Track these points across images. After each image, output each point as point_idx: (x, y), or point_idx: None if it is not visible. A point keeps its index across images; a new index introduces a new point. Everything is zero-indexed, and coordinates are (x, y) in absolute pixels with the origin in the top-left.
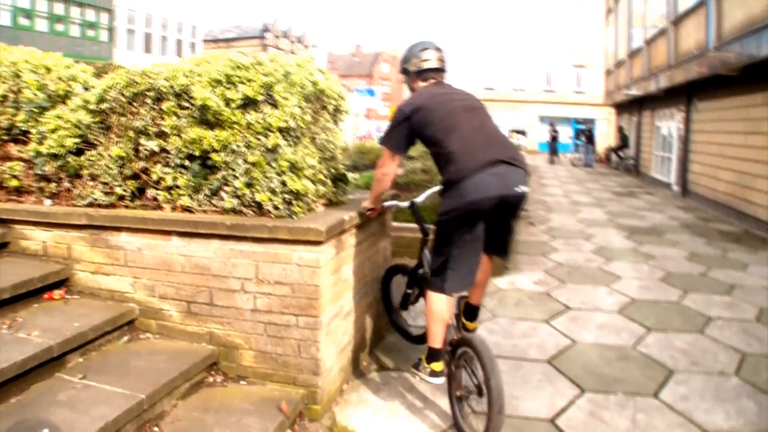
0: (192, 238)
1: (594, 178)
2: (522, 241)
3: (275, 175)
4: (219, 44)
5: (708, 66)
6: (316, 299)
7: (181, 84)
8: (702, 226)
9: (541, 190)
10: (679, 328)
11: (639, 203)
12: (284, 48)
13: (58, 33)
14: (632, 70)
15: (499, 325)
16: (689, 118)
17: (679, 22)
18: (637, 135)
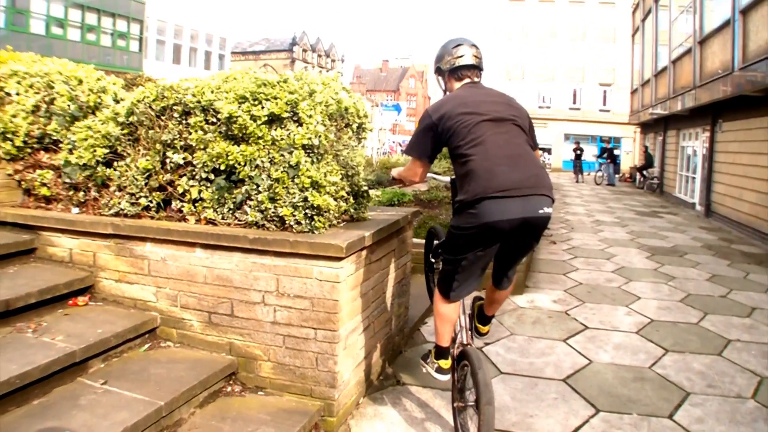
0: (215, 250)
1: (617, 197)
2: (543, 260)
3: (298, 191)
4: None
5: (733, 86)
6: (335, 314)
7: (208, 99)
8: (725, 247)
9: (564, 208)
10: (697, 350)
11: (662, 223)
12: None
13: (90, 42)
14: (657, 90)
15: (516, 342)
16: (714, 138)
17: (704, 41)
18: (662, 154)
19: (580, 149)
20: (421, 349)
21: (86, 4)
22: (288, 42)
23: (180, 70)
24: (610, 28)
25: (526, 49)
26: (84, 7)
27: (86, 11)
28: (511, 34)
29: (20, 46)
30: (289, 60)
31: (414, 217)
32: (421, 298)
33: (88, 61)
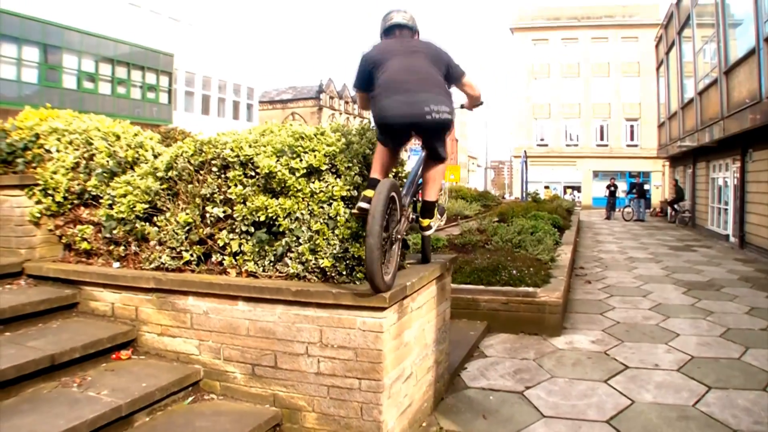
0: (257, 303)
1: (650, 233)
2: (578, 300)
3: (338, 242)
4: (275, 105)
5: (762, 114)
6: (379, 363)
7: (247, 154)
8: (762, 278)
9: (596, 247)
10: (740, 386)
11: (696, 257)
12: (339, 108)
13: (120, 96)
14: (685, 122)
15: (557, 385)
16: (744, 168)
17: (730, 71)
18: (692, 187)
19: (614, 186)
20: (462, 395)
21: (116, 58)
22: (315, 90)
23: (209, 120)
24: (634, 63)
25: (551, 87)
26: (114, 61)
27: (116, 65)
28: (536, 73)
29: (53, 101)
30: (316, 107)
31: (452, 264)
32: (460, 343)
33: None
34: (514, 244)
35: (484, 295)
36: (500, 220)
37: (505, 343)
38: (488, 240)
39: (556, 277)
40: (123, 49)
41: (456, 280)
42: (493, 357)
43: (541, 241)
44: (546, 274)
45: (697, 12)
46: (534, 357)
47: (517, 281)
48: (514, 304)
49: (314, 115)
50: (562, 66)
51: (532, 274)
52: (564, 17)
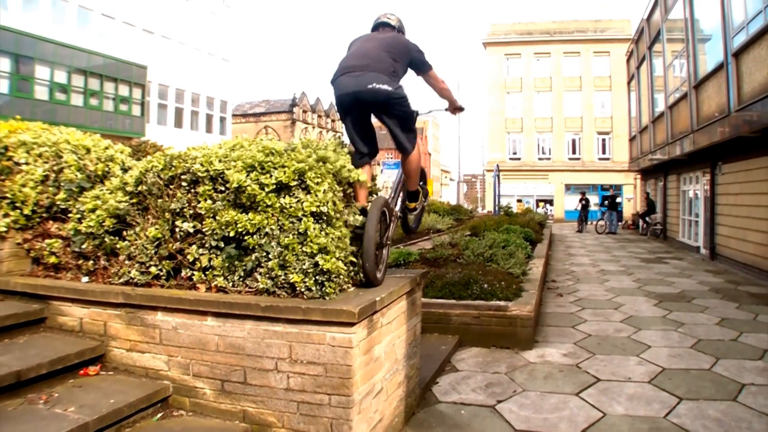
0: (227, 319)
1: (621, 245)
2: (550, 313)
3: (307, 257)
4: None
5: (731, 128)
6: (348, 379)
7: (216, 168)
8: (732, 289)
9: (568, 260)
10: (711, 397)
11: (667, 269)
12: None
13: (93, 107)
14: (656, 135)
15: (529, 399)
16: (714, 180)
17: (699, 86)
18: (663, 200)
19: (586, 199)
20: (434, 410)
21: (89, 70)
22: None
23: (182, 133)
24: (605, 77)
25: (523, 101)
26: (87, 73)
27: (89, 76)
28: (508, 87)
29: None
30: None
31: (423, 278)
32: (431, 358)
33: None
34: (486, 258)
35: (456, 310)
36: (472, 233)
37: (477, 357)
38: (460, 254)
39: (527, 291)
40: (96, 60)
41: (427, 294)
42: (465, 371)
43: (513, 255)
44: (517, 288)
45: (668, 27)
46: (506, 371)
47: (489, 295)
48: (486, 318)
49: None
50: (534, 80)
51: (503, 287)
52: (536, 32)
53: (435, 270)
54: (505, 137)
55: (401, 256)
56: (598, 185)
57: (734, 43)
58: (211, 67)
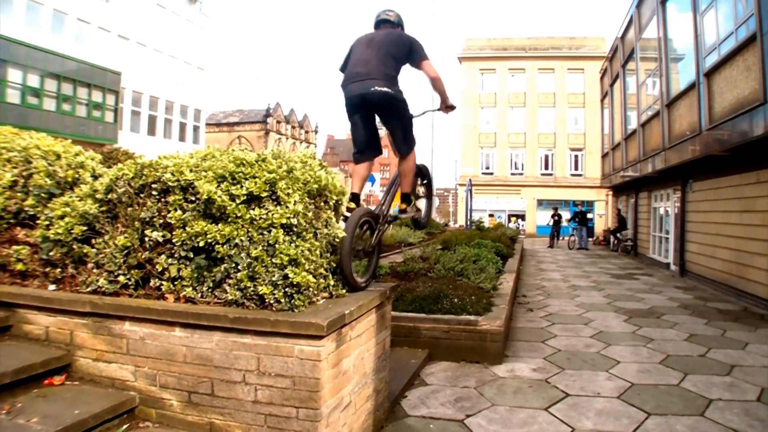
0: (195, 330)
1: (592, 261)
2: (520, 328)
3: (277, 269)
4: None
5: (702, 146)
6: (316, 392)
7: (187, 178)
8: (701, 306)
9: (539, 275)
10: (679, 412)
11: (638, 285)
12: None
13: (65, 113)
14: (628, 153)
15: (498, 413)
16: (685, 198)
17: (672, 104)
18: (635, 216)
19: (558, 215)
20: (402, 424)
21: (62, 74)
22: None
23: (155, 141)
24: (579, 94)
25: (497, 117)
26: (60, 77)
27: (62, 81)
28: (482, 102)
29: None
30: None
31: (392, 292)
32: (401, 371)
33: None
34: (457, 272)
35: (426, 324)
36: (444, 247)
37: (447, 371)
38: (431, 268)
39: (497, 306)
40: (70, 65)
41: (397, 308)
42: (434, 385)
43: (484, 270)
44: (488, 303)
45: (641, 46)
46: (475, 385)
47: (459, 310)
48: (456, 333)
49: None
50: (508, 95)
51: (473, 302)
52: (511, 48)
53: (405, 284)
54: (478, 152)
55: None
56: (570, 201)
57: (706, 63)
58: (186, 75)
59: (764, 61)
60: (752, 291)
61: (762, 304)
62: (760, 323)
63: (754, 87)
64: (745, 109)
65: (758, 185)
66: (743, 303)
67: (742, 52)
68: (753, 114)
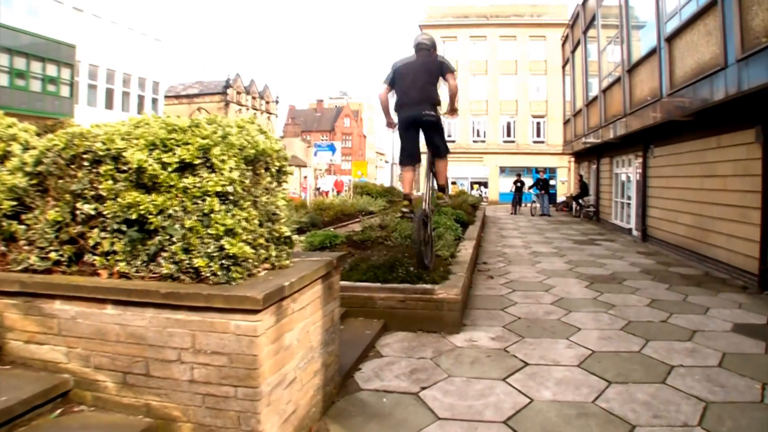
0: (127, 307)
1: (554, 227)
2: (479, 296)
3: (212, 240)
4: (181, 100)
5: (662, 112)
6: (255, 369)
7: (118, 147)
8: (662, 271)
9: (500, 242)
10: (640, 380)
11: (599, 251)
12: (246, 104)
13: (19, 88)
14: (589, 119)
15: (454, 385)
16: (647, 163)
17: (633, 70)
18: (596, 182)
19: (521, 182)
20: (355, 398)
21: (15, 48)
22: (222, 85)
23: (113, 115)
24: (541, 61)
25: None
26: (12, 51)
27: (15, 55)
28: None
29: None
30: (223, 103)
31: (340, 262)
32: (354, 343)
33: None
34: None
35: (381, 293)
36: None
37: (403, 341)
38: (388, 236)
39: (455, 274)
40: (23, 39)
41: (352, 277)
42: (389, 356)
43: (441, 237)
44: (445, 271)
45: (603, 12)
46: (431, 356)
47: (415, 278)
48: (412, 302)
49: (221, 111)
50: (470, 63)
51: (430, 270)
52: (473, 15)
53: (361, 252)
54: None
55: (327, 238)
56: (533, 168)
57: (667, 28)
58: (143, 47)
59: (725, 26)
60: (714, 255)
61: (723, 268)
62: (721, 287)
63: (714, 51)
64: (706, 74)
65: (719, 150)
66: (705, 267)
67: (702, 17)
68: (714, 78)
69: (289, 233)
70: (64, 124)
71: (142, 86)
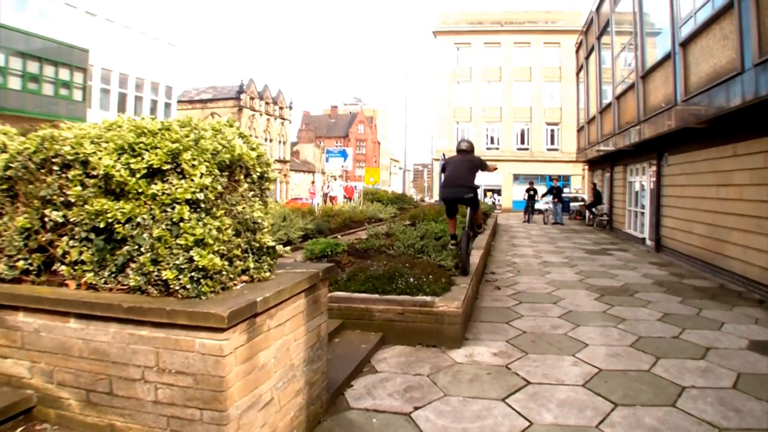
0: (90, 321)
1: (567, 236)
2: (485, 308)
3: (182, 251)
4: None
5: (677, 119)
6: (221, 392)
7: (86, 151)
8: (676, 283)
9: (511, 250)
10: (648, 402)
11: (611, 261)
12: (259, 109)
13: (32, 92)
14: (603, 126)
15: (449, 405)
16: (661, 172)
17: (646, 76)
18: (610, 191)
19: (534, 189)
20: (343, 418)
21: (27, 52)
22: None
23: None
24: (555, 68)
25: (473, 91)
26: (25, 55)
27: (27, 59)
28: (458, 77)
29: None
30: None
31: (327, 274)
32: (348, 358)
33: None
34: (417, 250)
35: (379, 305)
36: (412, 223)
37: (400, 356)
38: (392, 245)
39: (458, 285)
40: (35, 43)
41: (349, 288)
42: (385, 372)
43: (446, 247)
44: (447, 282)
45: (617, 18)
46: (429, 372)
47: (415, 290)
48: (411, 315)
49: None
50: (484, 70)
51: (431, 282)
52: (487, 22)
53: (361, 262)
54: (453, 126)
55: (328, 246)
56: (547, 176)
57: (682, 32)
58: (156, 52)
59: (742, 29)
60: (729, 267)
61: (739, 280)
62: (737, 301)
63: (731, 56)
64: (722, 79)
65: (735, 158)
66: (720, 279)
67: (718, 21)
68: (730, 84)
69: (272, 243)
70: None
71: (155, 91)
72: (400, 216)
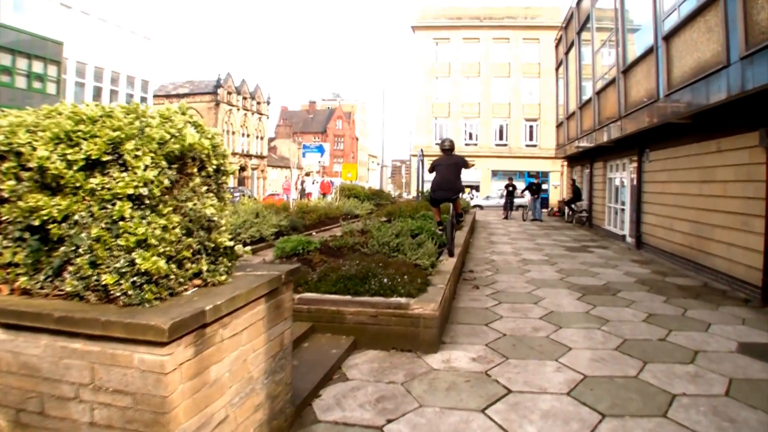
0: (19, 332)
1: (546, 233)
2: (462, 308)
3: (123, 253)
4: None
5: (659, 115)
6: (163, 414)
7: (21, 141)
8: (659, 281)
9: (490, 248)
10: (637, 412)
11: (592, 258)
12: (236, 104)
13: (4, 84)
14: (583, 122)
15: (425, 417)
16: (642, 168)
17: (628, 71)
18: (590, 187)
19: (513, 186)
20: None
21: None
22: (212, 85)
23: None
24: (534, 64)
25: (451, 87)
26: None
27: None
28: (437, 72)
29: None
30: (213, 103)
31: (290, 276)
32: (317, 364)
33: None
34: (392, 248)
35: (351, 307)
36: (388, 220)
37: (373, 362)
38: (366, 242)
39: (435, 285)
40: (8, 35)
41: (320, 288)
42: (356, 380)
43: (422, 245)
44: (423, 282)
45: (597, 14)
46: (403, 380)
47: (389, 291)
48: (385, 317)
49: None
50: (463, 65)
51: (406, 282)
52: (466, 17)
53: (334, 261)
54: (432, 122)
55: (300, 244)
56: (525, 172)
57: (665, 26)
58: (132, 45)
59: (728, 21)
60: (712, 265)
61: (723, 279)
62: (722, 300)
63: (716, 49)
64: (707, 73)
65: (719, 154)
66: (703, 278)
67: (703, 13)
68: (715, 78)
69: (230, 243)
70: None
71: (131, 84)
72: (376, 212)
